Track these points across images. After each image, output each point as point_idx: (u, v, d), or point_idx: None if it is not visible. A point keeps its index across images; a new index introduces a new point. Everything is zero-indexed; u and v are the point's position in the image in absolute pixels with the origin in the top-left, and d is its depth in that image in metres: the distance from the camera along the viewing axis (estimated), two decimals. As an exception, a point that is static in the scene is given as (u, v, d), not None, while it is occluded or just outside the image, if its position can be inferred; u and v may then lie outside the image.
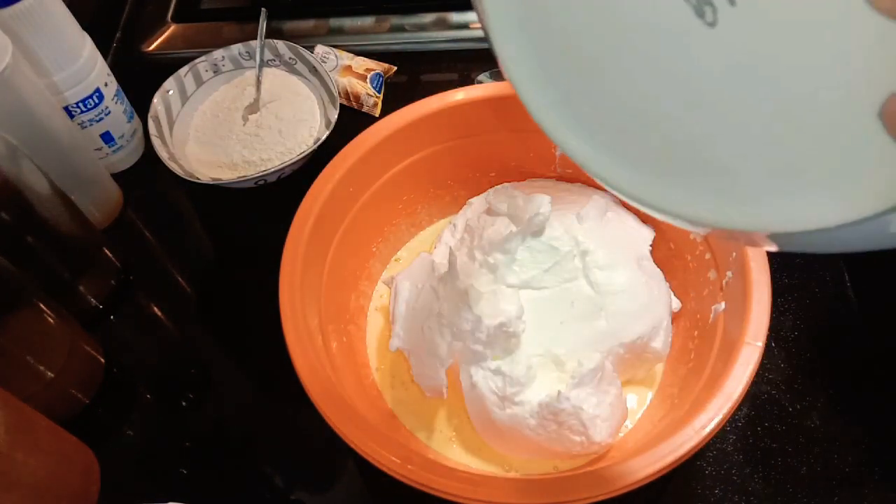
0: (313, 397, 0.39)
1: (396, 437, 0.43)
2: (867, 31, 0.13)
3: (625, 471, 0.36)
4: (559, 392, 0.41)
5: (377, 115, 0.66)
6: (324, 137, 0.58)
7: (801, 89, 0.15)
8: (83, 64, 0.55)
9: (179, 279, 0.59)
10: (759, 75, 0.15)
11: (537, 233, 0.47)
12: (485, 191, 0.54)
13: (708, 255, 0.47)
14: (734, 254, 0.43)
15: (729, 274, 0.44)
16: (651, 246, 0.51)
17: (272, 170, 0.56)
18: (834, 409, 0.49)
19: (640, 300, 0.46)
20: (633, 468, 0.36)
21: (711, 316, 0.45)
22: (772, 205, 0.16)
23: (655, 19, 0.16)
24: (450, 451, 0.47)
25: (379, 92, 0.66)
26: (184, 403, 0.53)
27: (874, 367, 0.50)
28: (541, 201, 0.47)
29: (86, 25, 0.56)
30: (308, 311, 0.44)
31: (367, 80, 0.66)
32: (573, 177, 0.55)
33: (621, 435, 0.46)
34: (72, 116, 0.56)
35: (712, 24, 0.15)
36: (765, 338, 0.39)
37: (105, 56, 0.60)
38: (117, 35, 0.74)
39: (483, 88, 0.51)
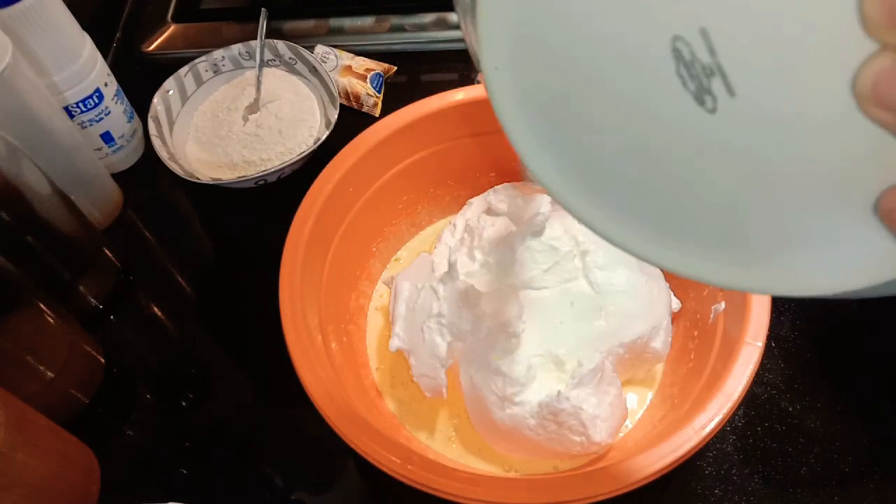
0: (313, 397, 0.39)
1: (396, 437, 0.43)
2: (861, 133, 0.14)
3: (625, 471, 0.36)
4: (559, 392, 0.41)
5: (377, 115, 0.66)
6: (324, 137, 0.58)
7: (796, 178, 0.16)
8: (83, 64, 0.55)
9: (179, 279, 0.59)
10: (758, 158, 0.16)
11: (537, 233, 0.47)
12: (485, 191, 0.54)
13: (708, 255, 0.46)
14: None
15: (729, 274, 0.44)
16: None
17: (272, 170, 0.56)
18: (834, 410, 0.49)
19: (640, 300, 0.46)
20: (633, 468, 0.36)
21: (711, 316, 0.45)
22: (770, 272, 0.18)
23: (657, 104, 0.17)
24: (450, 451, 0.47)
25: (379, 92, 0.66)
26: (184, 403, 0.53)
27: (874, 367, 0.50)
28: (541, 201, 0.47)
29: (86, 25, 0.56)
30: (308, 311, 0.44)
31: (367, 80, 0.66)
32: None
33: (621, 435, 0.46)
34: (72, 116, 0.56)
35: (712, 111, 0.16)
36: (765, 338, 0.39)
37: (105, 56, 0.60)
38: (117, 35, 0.74)
39: (483, 88, 0.51)
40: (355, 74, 0.66)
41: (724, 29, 0.15)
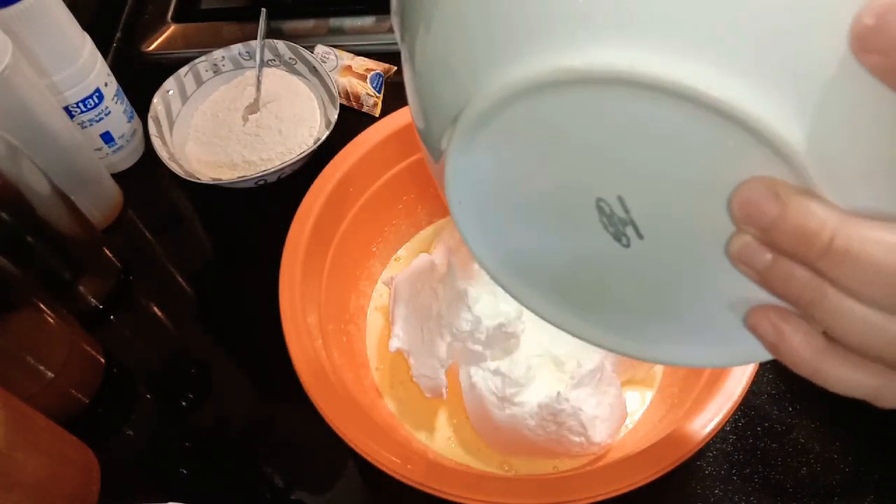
0: (313, 397, 0.39)
1: (396, 437, 0.43)
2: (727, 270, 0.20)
3: (625, 471, 0.36)
4: (558, 393, 0.41)
5: (377, 115, 0.66)
6: (324, 137, 0.58)
7: (683, 294, 0.23)
8: (83, 64, 0.55)
9: (179, 279, 0.59)
10: (659, 278, 0.23)
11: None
12: (485, 191, 0.54)
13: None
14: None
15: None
16: None
17: (272, 170, 0.56)
18: (833, 410, 0.49)
19: (640, 300, 0.46)
20: (633, 468, 0.36)
21: (712, 316, 0.45)
22: (659, 348, 0.25)
23: (587, 243, 0.22)
24: (449, 451, 0.47)
25: (379, 92, 0.66)
26: (184, 403, 0.53)
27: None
28: None
29: (86, 25, 0.56)
30: (308, 311, 0.44)
31: (367, 80, 0.66)
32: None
33: (621, 435, 0.46)
34: (72, 116, 0.56)
35: (627, 246, 0.21)
36: None
37: (105, 56, 0.60)
38: (117, 35, 0.74)
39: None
40: (355, 74, 0.66)
41: (634, 197, 0.20)
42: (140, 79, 0.64)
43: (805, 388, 0.50)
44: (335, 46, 0.69)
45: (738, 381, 0.38)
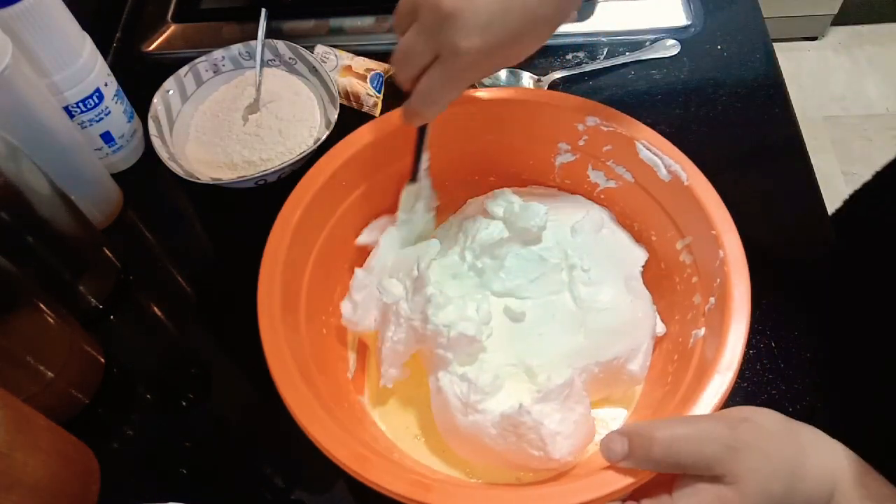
0: (278, 382, 0.41)
1: (361, 434, 0.43)
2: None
3: (579, 489, 0.36)
4: (521, 405, 0.40)
5: (377, 115, 0.66)
6: (324, 137, 0.58)
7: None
8: (83, 64, 0.55)
9: (179, 279, 0.59)
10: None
11: (528, 242, 0.47)
12: (484, 193, 0.54)
13: (695, 279, 0.46)
14: (718, 280, 0.43)
15: (712, 300, 0.43)
16: (643, 267, 0.50)
17: (272, 170, 0.56)
18: (833, 410, 0.49)
19: (623, 320, 0.46)
20: (588, 487, 0.36)
21: (691, 341, 0.44)
22: None
23: None
24: (415, 451, 0.46)
25: (379, 92, 0.66)
26: (184, 403, 0.53)
27: (875, 367, 0.50)
28: (537, 211, 0.47)
29: (86, 25, 0.56)
30: (287, 305, 0.45)
31: (367, 80, 0.66)
32: (573, 188, 0.54)
33: (590, 453, 0.45)
34: (72, 116, 0.56)
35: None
36: (737, 368, 0.39)
37: (105, 56, 0.60)
38: (117, 35, 0.74)
39: (483, 90, 0.51)
40: (355, 74, 0.66)
41: None
42: (140, 79, 0.64)
43: (805, 387, 0.50)
44: (335, 46, 0.68)
45: (704, 409, 0.38)
